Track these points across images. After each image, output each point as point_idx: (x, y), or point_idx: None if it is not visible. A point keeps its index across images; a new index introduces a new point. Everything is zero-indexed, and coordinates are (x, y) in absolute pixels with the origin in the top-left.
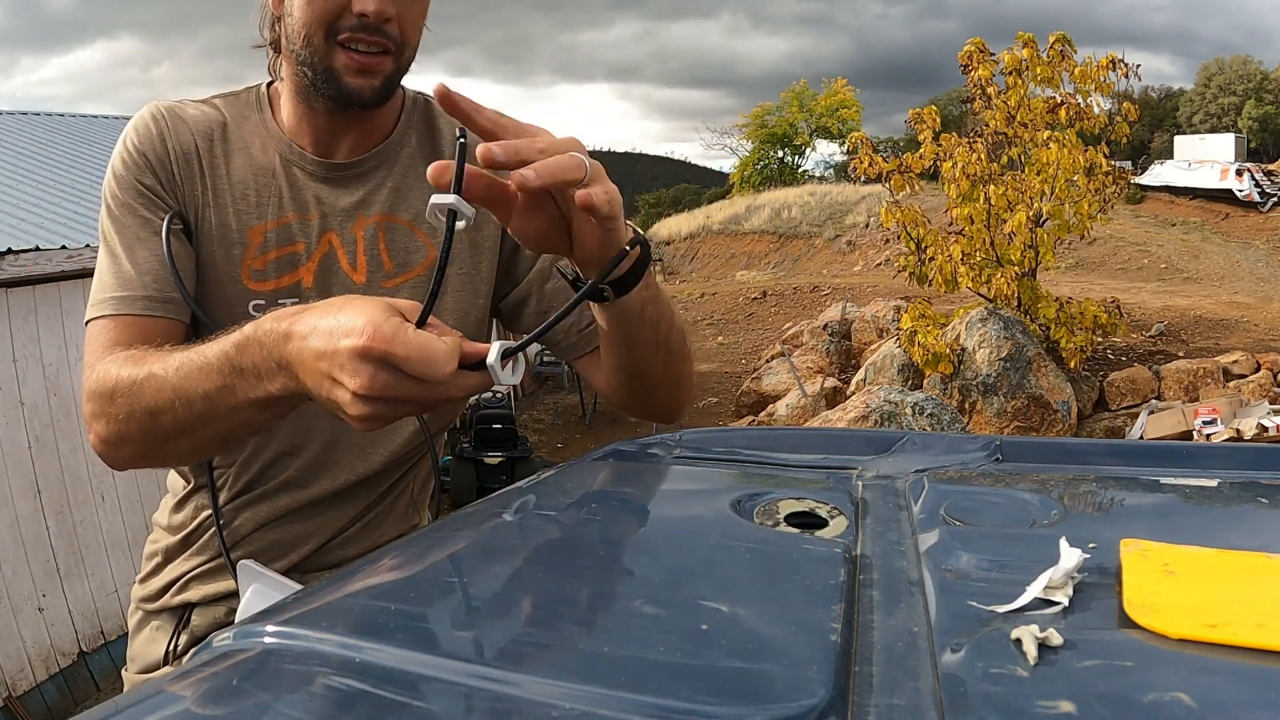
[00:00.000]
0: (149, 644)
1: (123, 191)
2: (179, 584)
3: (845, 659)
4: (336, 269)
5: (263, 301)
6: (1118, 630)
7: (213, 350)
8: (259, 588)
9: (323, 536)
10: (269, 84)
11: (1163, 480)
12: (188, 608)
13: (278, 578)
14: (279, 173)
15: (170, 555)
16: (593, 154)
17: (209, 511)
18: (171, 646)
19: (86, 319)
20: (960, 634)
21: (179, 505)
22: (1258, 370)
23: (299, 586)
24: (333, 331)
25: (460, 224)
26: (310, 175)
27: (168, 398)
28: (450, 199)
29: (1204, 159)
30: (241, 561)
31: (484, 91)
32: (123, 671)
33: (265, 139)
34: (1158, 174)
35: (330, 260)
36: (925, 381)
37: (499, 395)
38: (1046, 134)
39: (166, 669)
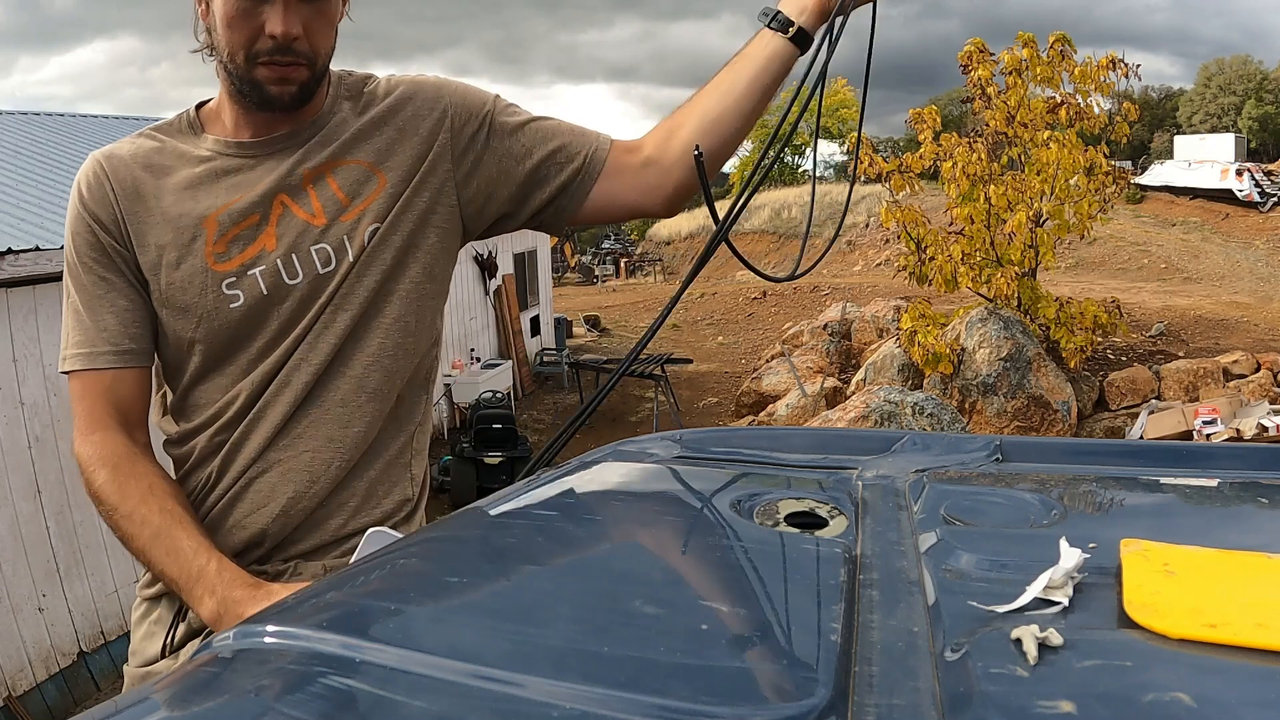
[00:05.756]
0: (147, 638)
1: (78, 252)
2: None
3: (845, 659)
4: (295, 222)
5: (234, 278)
6: (1118, 630)
7: (185, 555)
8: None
9: (316, 496)
10: (198, 106)
11: (1163, 480)
12: None
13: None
14: (220, 169)
15: None
16: None
17: (204, 486)
18: (169, 639)
19: (61, 369)
20: (960, 634)
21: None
22: (1258, 370)
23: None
24: None
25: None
26: (251, 157)
27: (132, 542)
28: None
29: (1204, 159)
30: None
31: None
32: (124, 666)
33: (203, 150)
34: (1158, 174)
35: (288, 218)
36: (925, 381)
37: (499, 395)
38: (1046, 134)
39: (164, 662)
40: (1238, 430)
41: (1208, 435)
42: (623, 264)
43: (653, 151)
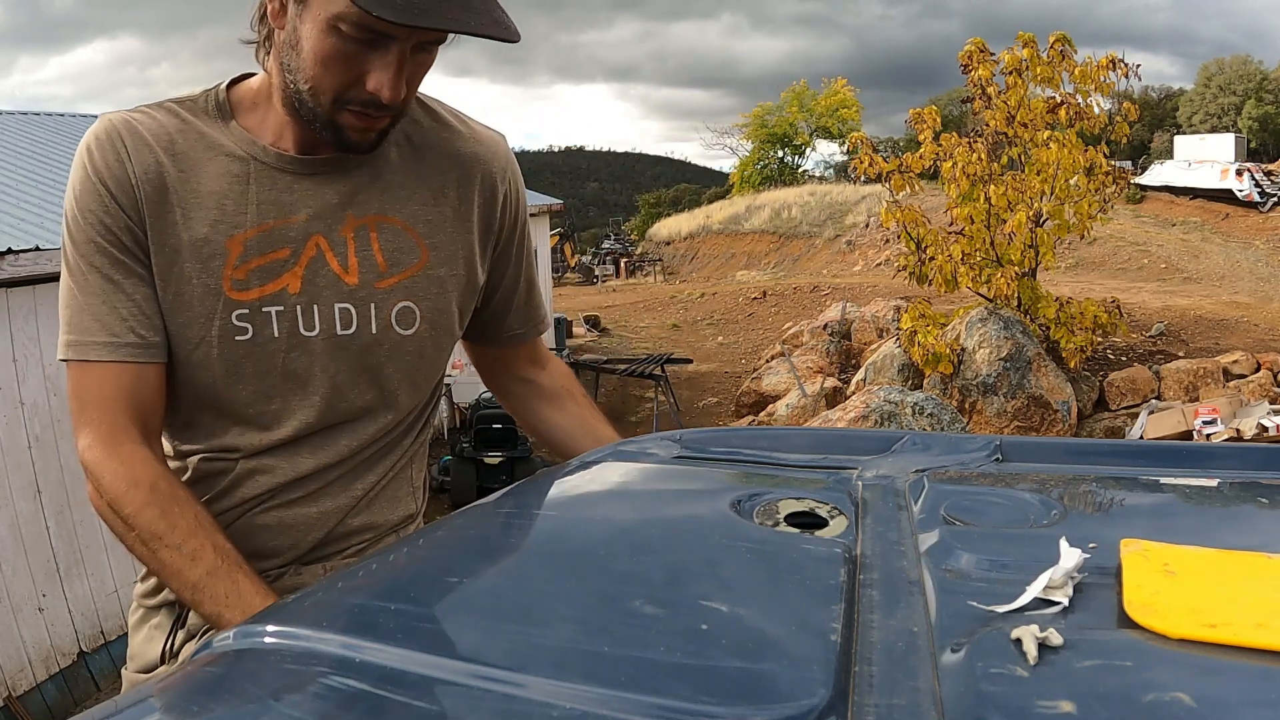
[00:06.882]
0: (147, 642)
1: (91, 227)
2: None
3: (845, 659)
4: (326, 272)
5: (247, 310)
6: (1118, 630)
7: (252, 603)
8: None
9: (324, 526)
10: (228, 87)
11: (1163, 480)
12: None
13: None
14: (254, 178)
15: None
16: (593, 154)
17: (207, 497)
18: (169, 644)
19: (61, 356)
20: (960, 634)
21: None
22: (1258, 370)
23: None
24: None
25: None
26: (291, 174)
27: (176, 577)
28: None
29: (1204, 159)
30: None
31: (483, 92)
32: (123, 670)
33: (233, 145)
34: (1158, 174)
35: (318, 264)
36: (925, 381)
37: None
38: (1046, 134)
39: (164, 668)
40: (1238, 430)
41: (1208, 435)
42: (622, 264)
43: (533, 386)
